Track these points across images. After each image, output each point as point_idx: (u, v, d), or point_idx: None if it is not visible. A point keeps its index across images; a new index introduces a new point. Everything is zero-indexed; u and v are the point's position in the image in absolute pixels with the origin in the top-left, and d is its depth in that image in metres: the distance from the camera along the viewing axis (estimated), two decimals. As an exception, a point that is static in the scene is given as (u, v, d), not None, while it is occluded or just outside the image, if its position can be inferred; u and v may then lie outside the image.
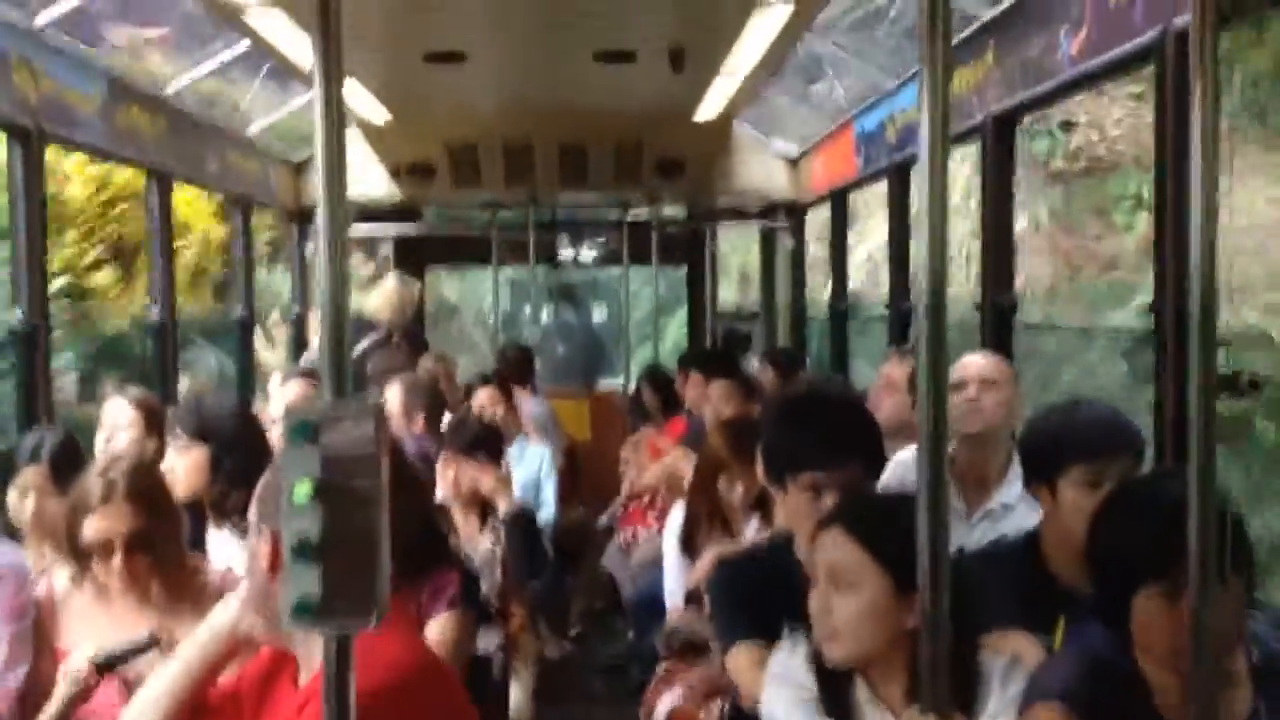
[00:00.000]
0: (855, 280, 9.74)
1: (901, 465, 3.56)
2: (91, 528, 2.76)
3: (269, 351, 7.69)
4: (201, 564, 2.98)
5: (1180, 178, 2.98)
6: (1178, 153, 2.94)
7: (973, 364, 3.44)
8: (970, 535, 3.25)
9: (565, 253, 9.59)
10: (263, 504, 2.05)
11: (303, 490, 1.53)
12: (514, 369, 7.22)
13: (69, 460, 3.39)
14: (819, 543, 2.26)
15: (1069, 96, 3.91)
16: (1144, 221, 11.69)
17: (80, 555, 2.80)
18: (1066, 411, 2.85)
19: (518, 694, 4.50)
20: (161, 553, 2.80)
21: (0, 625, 2.81)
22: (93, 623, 2.83)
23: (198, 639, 2.18)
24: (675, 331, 11.79)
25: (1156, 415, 3.13)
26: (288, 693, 2.10)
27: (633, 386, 8.33)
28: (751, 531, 4.19)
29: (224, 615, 2.19)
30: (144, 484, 2.83)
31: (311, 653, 2.01)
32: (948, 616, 1.68)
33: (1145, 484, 2.22)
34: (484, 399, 6.10)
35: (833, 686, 2.20)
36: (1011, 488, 3.34)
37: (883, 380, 4.00)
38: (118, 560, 2.75)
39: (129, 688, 2.57)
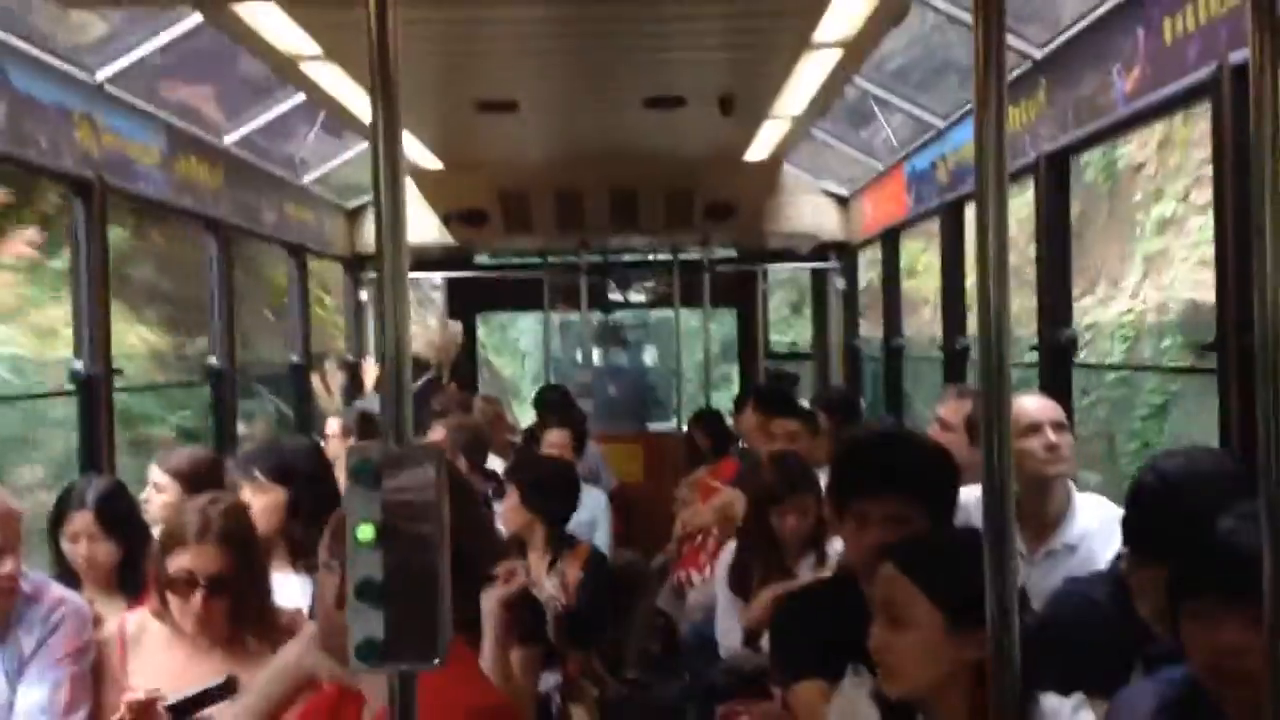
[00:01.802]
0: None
1: (961, 510, 3.52)
2: (176, 563, 2.78)
3: (325, 397, 7.75)
4: (275, 610, 2.98)
5: (1240, 214, 2.95)
6: (1238, 189, 2.91)
7: (1041, 407, 3.40)
8: (1031, 575, 3.21)
9: (615, 296, 9.63)
10: (333, 541, 2.08)
11: (366, 532, 1.54)
12: (566, 411, 7.25)
13: (115, 507, 3.43)
14: (878, 578, 2.25)
15: (1123, 134, 3.90)
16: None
17: (162, 589, 2.82)
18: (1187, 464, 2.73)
19: (576, 737, 4.48)
20: (241, 596, 2.81)
21: (61, 666, 2.85)
22: (164, 662, 2.85)
23: (267, 676, 2.20)
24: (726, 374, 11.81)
25: (1225, 446, 3.09)
26: None
27: (685, 428, 8.34)
28: (807, 570, 4.18)
29: (292, 652, 2.21)
30: (236, 526, 2.85)
31: (377, 690, 2.03)
32: (1016, 660, 1.66)
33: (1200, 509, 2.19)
34: (556, 440, 6.11)
35: None
36: (1073, 527, 3.31)
37: (938, 421, 3.97)
38: (198, 599, 2.76)
39: None
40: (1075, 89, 3.94)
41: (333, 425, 5.83)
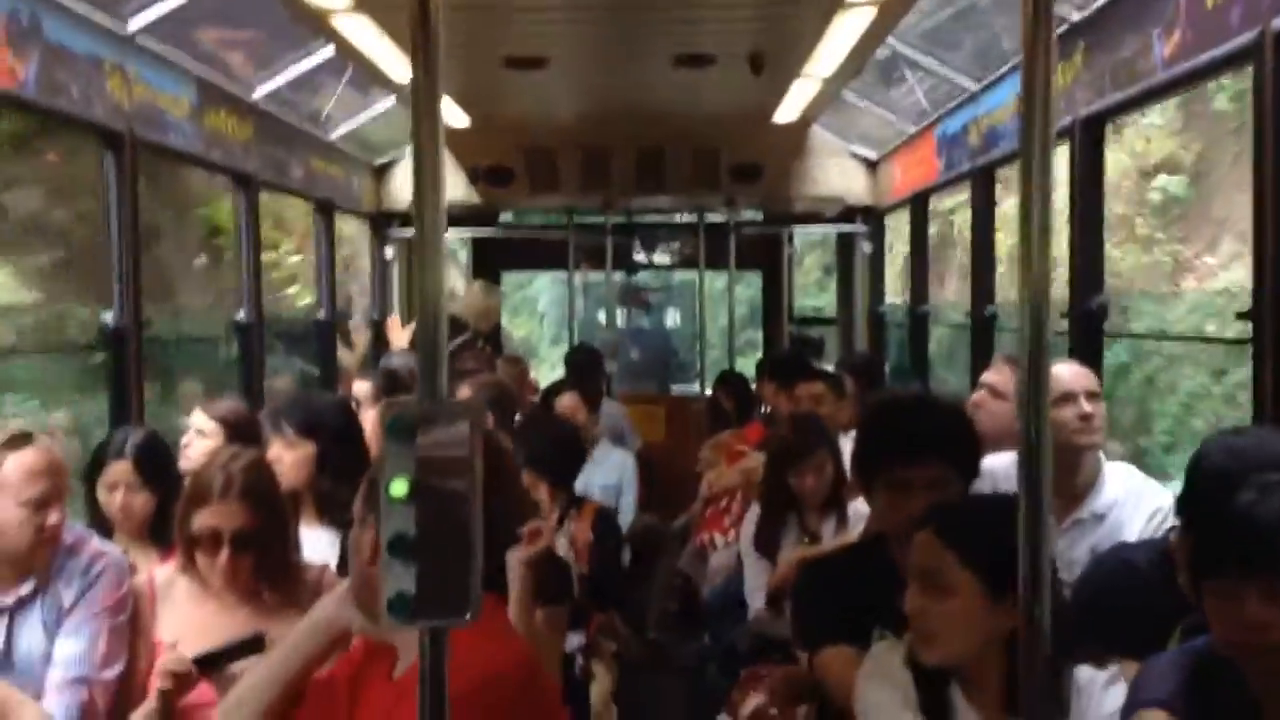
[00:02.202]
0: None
1: (990, 475, 3.51)
2: (202, 520, 2.80)
3: (347, 353, 7.76)
4: (303, 564, 3.00)
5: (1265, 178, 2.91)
6: (1277, 156, 2.87)
7: (1076, 376, 3.38)
8: (1059, 543, 3.21)
9: (640, 257, 9.61)
10: (368, 497, 2.09)
11: (399, 487, 1.55)
12: (586, 373, 7.25)
13: (153, 457, 3.45)
14: (915, 544, 2.25)
15: (1161, 99, 3.84)
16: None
17: (188, 545, 2.84)
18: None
19: (596, 695, 4.50)
20: (267, 551, 2.84)
21: (99, 619, 2.87)
22: (191, 616, 2.88)
23: (299, 631, 2.22)
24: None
25: (1256, 421, 3.06)
26: (382, 684, 2.12)
27: (708, 390, 8.33)
28: (829, 533, 4.19)
29: (325, 608, 2.22)
30: (259, 482, 2.87)
31: (409, 645, 2.04)
32: (1047, 628, 1.65)
33: (1223, 484, 2.18)
34: (568, 404, 6.11)
35: (929, 688, 2.19)
36: (1101, 496, 3.30)
37: (987, 386, 3.91)
38: (224, 556, 2.79)
39: (223, 682, 2.61)
40: (1114, 52, 3.89)
41: (361, 388, 5.84)
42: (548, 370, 13.44)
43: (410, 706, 1.58)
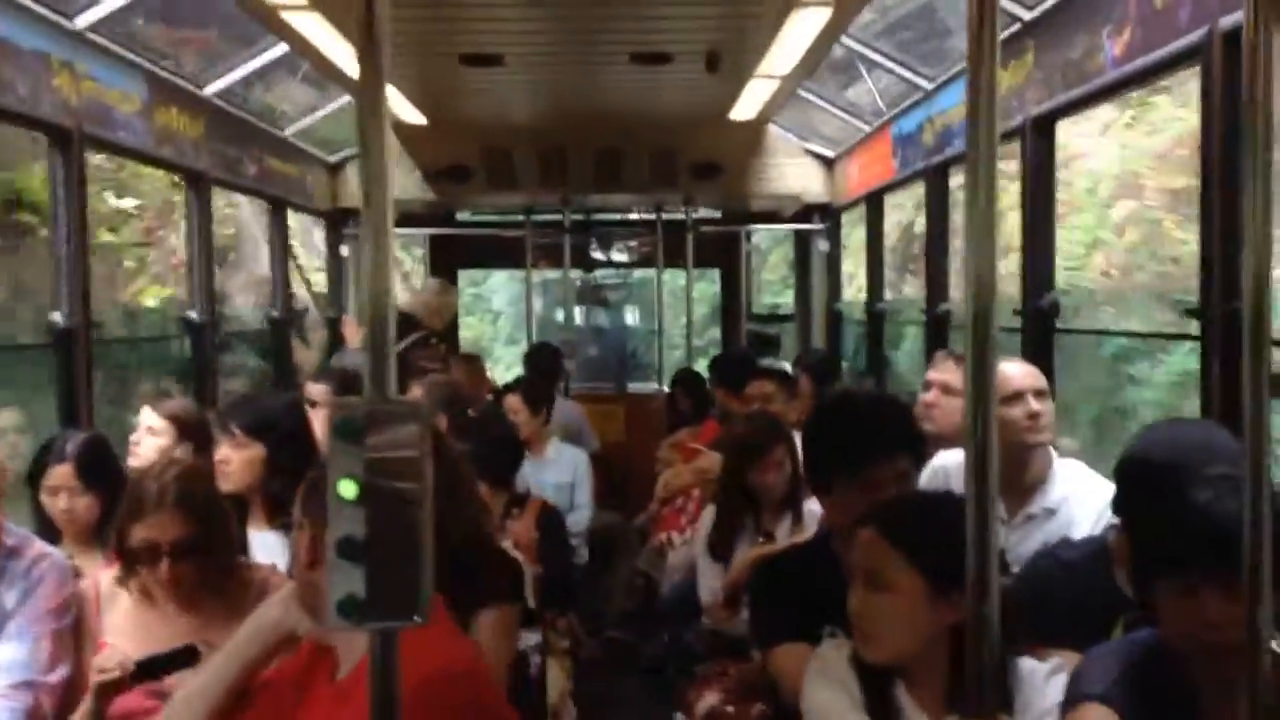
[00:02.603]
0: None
1: (940, 472, 3.53)
2: (138, 534, 2.76)
3: (304, 351, 7.70)
4: (248, 567, 2.97)
5: (1229, 180, 2.94)
6: (1224, 155, 2.90)
7: (1025, 375, 3.40)
8: (1010, 538, 3.23)
9: (599, 255, 9.60)
10: (307, 499, 2.07)
11: (348, 489, 1.53)
12: (543, 371, 7.24)
13: (95, 460, 3.41)
14: (859, 543, 2.26)
15: (1111, 98, 3.88)
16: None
17: (128, 558, 2.81)
18: (1168, 436, 2.76)
19: (553, 693, 4.49)
20: (207, 559, 2.80)
21: (43, 623, 2.83)
22: (136, 620, 2.84)
23: (244, 633, 2.20)
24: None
25: (1203, 417, 3.09)
26: (325, 685, 2.11)
27: (664, 387, 8.34)
28: (784, 533, 4.20)
29: (270, 610, 2.21)
30: (195, 490, 2.82)
31: (352, 647, 2.03)
32: (995, 626, 1.66)
33: (1173, 481, 2.20)
34: (513, 404, 6.11)
35: (873, 687, 2.20)
36: (1052, 492, 3.32)
37: (937, 384, 3.93)
38: (164, 567, 2.75)
39: (159, 694, 2.59)
40: (1064, 52, 3.92)
41: (315, 389, 5.79)
42: (503, 371, 13.39)
43: (354, 708, 1.57)
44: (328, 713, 2.04)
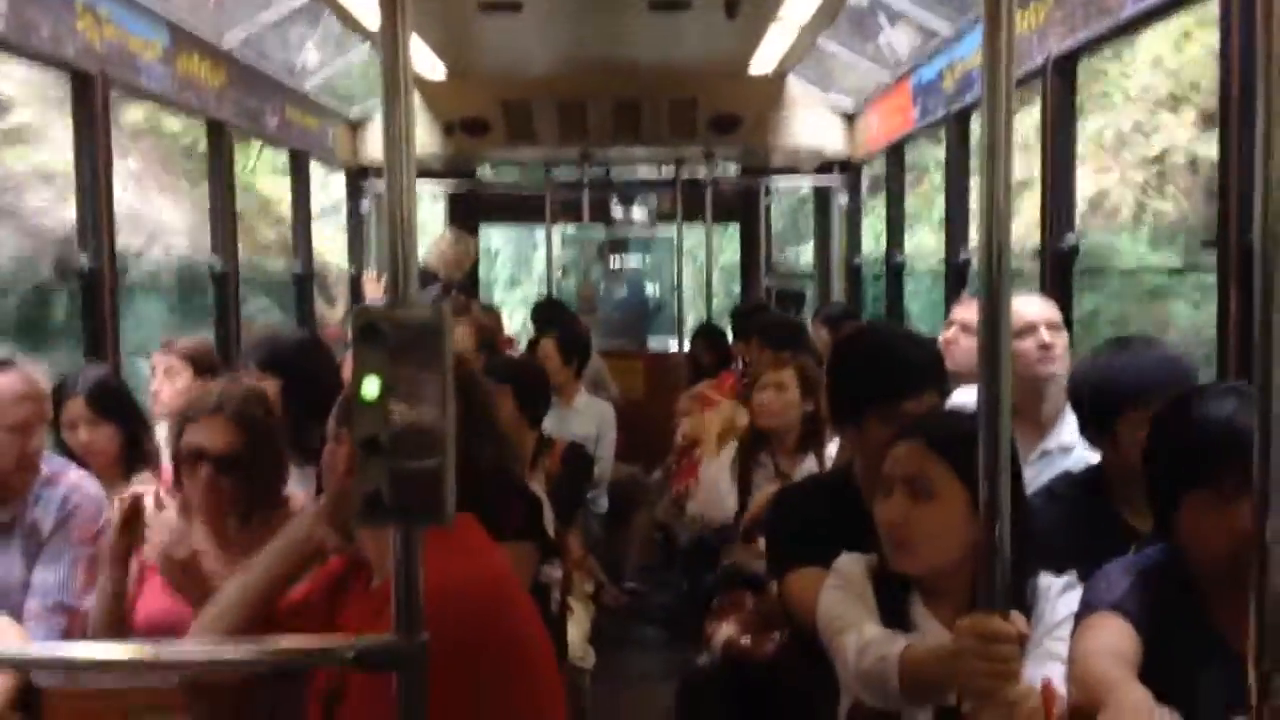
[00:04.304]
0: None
1: (963, 410, 3.55)
2: (190, 436, 2.78)
3: (329, 309, 7.76)
4: (290, 498, 2.96)
5: (1245, 113, 2.93)
6: (1243, 83, 2.89)
7: (1037, 307, 3.42)
8: (1027, 473, 3.24)
9: (619, 210, 9.60)
10: (342, 411, 2.10)
11: (370, 388, 1.56)
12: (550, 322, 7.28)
13: (106, 392, 3.46)
14: (896, 455, 2.27)
15: (1132, 33, 3.85)
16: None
17: (176, 463, 2.82)
18: (1114, 354, 2.84)
19: (574, 634, 4.54)
20: (250, 479, 2.80)
21: (79, 549, 2.90)
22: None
23: (273, 549, 2.22)
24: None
25: (1220, 347, 3.10)
26: (359, 597, 2.14)
27: (686, 344, 8.36)
28: (803, 475, 4.22)
29: (300, 526, 2.23)
30: (251, 410, 2.82)
31: (384, 556, 2.05)
32: (1007, 549, 1.69)
33: (1196, 396, 2.21)
34: (543, 351, 6.15)
35: (891, 598, 2.22)
36: (1069, 427, 3.34)
37: (958, 322, 3.93)
38: (204, 472, 2.75)
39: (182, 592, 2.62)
40: (1085, -11, 3.90)
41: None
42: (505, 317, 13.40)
43: (388, 615, 1.59)
44: (366, 620, 2.07)
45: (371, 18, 5.28)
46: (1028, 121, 4.59)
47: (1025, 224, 4.89)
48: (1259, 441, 1.71)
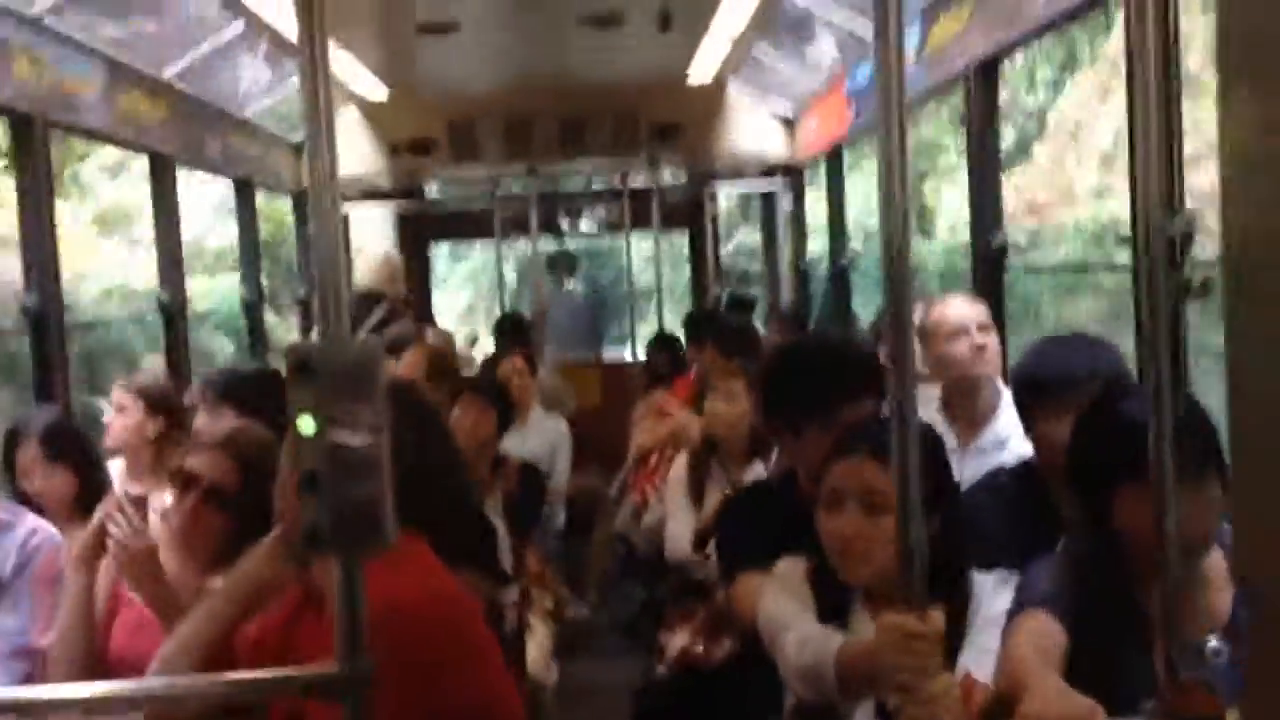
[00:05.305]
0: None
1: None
2: (188, 460, 2.75)
3: (287, 333, 7.76)
4: None
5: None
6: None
7: (965, 309, 3.50)
8: (965, 469, 3.33)
9: (566, 224, 9.67)
10: (289, 443, 2.14)
11: (306, 424, 1.61)
12: (514, 339, 7.34)
13: (59, 436, 3.48)
14: (846, 470, 2.32)
15: (1046, 34, 3.97)
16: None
17: (173, 484, 2.79)
18: (1042, 349, 2.92)
19: (535, 651, 4.60)
20: (238, 520, 2.71)
21: (37, 593, 2.93)
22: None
23: (229, 583, 2.25)
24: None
25: (1138, 335, 3.18)
26: (315, 627, 2.17)
27: (639, 353, 8.42)
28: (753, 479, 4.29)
29: (254, 559, 2.26)
30: (255, 452, 2.76)
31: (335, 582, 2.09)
32: (924, 547, 1.77)
33: (1122, 391, 2.30)
34: (509, 368, 6.17)
35: (829, 602, 2.30)
36: (1003, 421, 3.43)
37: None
38: (191, 499, 2.70)
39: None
40: (1002, -7, 4.01)
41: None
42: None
43: None
44: (321, 651, 2.10)
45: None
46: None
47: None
48: (1153, 441, 1.80)
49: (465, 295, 17.83)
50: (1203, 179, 1.89)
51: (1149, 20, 1.79)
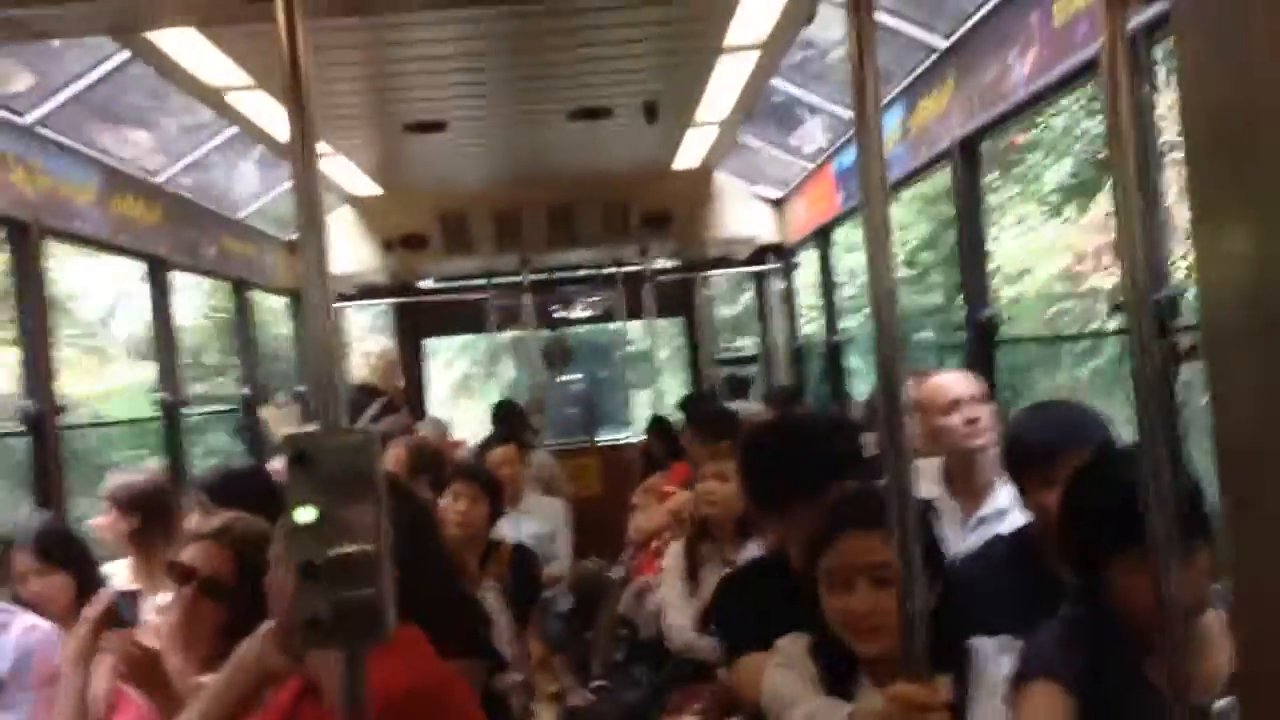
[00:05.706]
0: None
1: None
2: (184, 552, 2.75)
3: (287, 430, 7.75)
4: None
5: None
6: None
7: (959, 383, 3.52)
8: (967, 540, 3.33)
9: (561, 313, 9.72)
10: (284, 536, 2.15)
11: (305, 514, 1.62)
12: (513, 426, 7.35)
13: (53, 541, 3.45)
14: (853, 548, 2.31)
15: (1026, 112, 4.05)
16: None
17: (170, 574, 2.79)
18: (1026, 417, 2.94)
19: (540, 739, 4.55)
20: (234, 612, 2.71)
21: (35, 693, 2.91)
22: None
23: (224, 675, 2.25)
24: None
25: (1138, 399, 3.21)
26: (314, 715, 2.17)
27: (636, 438, 8.43)
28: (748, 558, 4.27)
29: (249, 651, 2.26)
30: (251, 545, 2.73)
31: (333, 675, 2.09)
32: (924, 615, 1.77)
33: (1109, 458, 2.31)
34: (500, 456, 6.17)
35: (835, 676, 2.28)
36: (1001, 493, 3.43)
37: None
38: (188, 592, 2.70)
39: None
40: (980, 75, 4.09)
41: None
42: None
43: None
44: None
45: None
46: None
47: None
48: (1152, 505, 1.80)
49: (460, 366, 17.88)
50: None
51: (1124, 101, 1.82)
